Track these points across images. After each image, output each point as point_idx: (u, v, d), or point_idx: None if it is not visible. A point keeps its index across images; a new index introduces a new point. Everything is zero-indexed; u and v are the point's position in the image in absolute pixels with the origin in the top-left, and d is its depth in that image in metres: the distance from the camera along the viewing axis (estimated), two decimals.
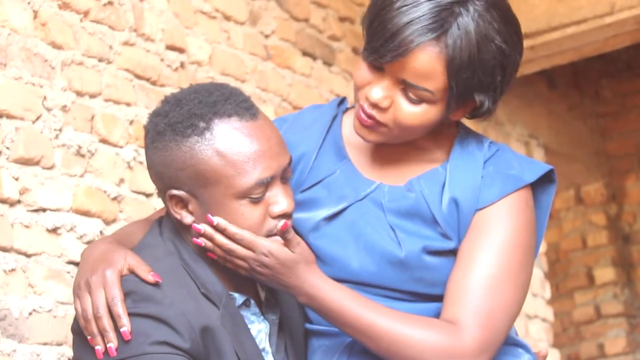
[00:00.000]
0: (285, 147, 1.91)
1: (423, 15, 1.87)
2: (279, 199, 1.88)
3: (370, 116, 1.94)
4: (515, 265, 1.94)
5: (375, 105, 1.93)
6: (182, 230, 1.91)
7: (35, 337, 2.56)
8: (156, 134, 1.88)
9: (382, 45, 1.89)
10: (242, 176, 1.84)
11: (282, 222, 1.87)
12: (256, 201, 1.86)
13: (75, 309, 1.84)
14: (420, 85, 1.90)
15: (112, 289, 1.81)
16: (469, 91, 1.92)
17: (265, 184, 1.86)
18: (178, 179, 1.86)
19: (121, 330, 1.78)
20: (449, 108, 1.94)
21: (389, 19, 1.89)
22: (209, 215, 1.86)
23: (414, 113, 1.92)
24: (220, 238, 1.86)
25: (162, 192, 1.90)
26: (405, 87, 1.91)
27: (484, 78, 1.91)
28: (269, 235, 1.88)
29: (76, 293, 1.86)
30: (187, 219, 1.88)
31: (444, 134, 2.05)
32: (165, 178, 1.88)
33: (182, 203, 1.88)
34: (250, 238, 1.86)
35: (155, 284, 1.81)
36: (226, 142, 1.84)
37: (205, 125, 1.85)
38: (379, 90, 1.92)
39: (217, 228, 1.86)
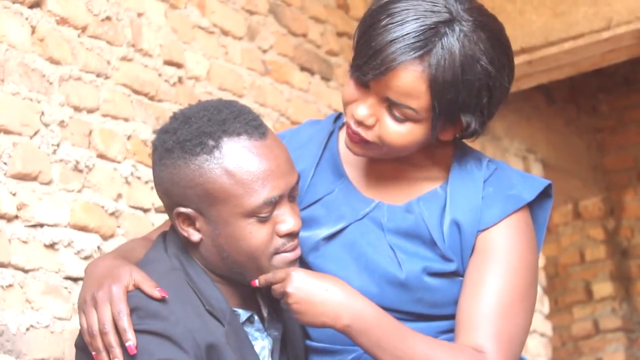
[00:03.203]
0: (293, 165, 1.91)
1: (408, 34, 1.86)
2: (286, 218, 1.88)
3: (356, 133, 1.94)
4: (525, 288, 1.95)
5: (360, 123, 1.92)
6: (188, 247, 1.91)
7: (33, 353, 2.56)
8: (165, 151, 1.87)
9: (365, 63, 1.89)
10: (250, 195, 1.84)
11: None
12: (264, 220, 1.86)
13: (81, 325, 1.83)
14: (404, 103, 1.89)
15: (118, 304, 1.80)
16: (453, 111, 1.91)
17: (273, 203, 1.86)
18: (186, 196, 1.86)
19: (126, 344, 1.77)
20: (435, 128, 1.93)
21: (374, 37, 1.88)
22: (254, 281, 1.88)
23: (399, 132, 1.92)
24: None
25: (169, 209, 1.90)
26: (390, 105, 1.90)
27: (468, 99, 1.90)
28: (277, 253, 1.88)
29: (82, 308, 1.85)
30: (194, 236, 1.88)
31: (441, 151, 2.04)
32: (173, 195, 1.87)
33: (190, 220, 1.87)
34: (279, 274, 1.87)
35: (162, 300, 1.81)
36: (235, 161, 1.84)
37: (214, 143, 1.84)
38: (364, 109, 1.92)
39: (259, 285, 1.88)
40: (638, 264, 6.37)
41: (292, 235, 1.89)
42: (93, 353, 1.80)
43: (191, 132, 1.85)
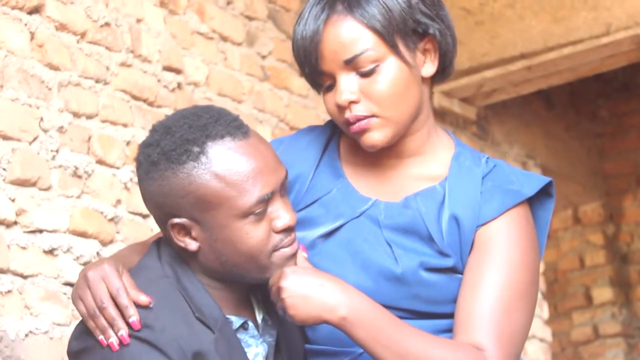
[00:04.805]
0: (280, 161, 1.91)
1: (311, 10, 1.96)
2: (281, 214, 1.88)
3: (357, 118, 1.95)
4: (526, 286, 1.95)
5: (350, 103, 1.94)
6: (185, 256, 1.90)
7: (32, 359, 2.56)
8: (150, 164, 1.87)
9: (305, 56, 1.96)
10: (243, 196, 1.84)
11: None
12: (259, 218, 1.85)
13: (80, 312, 1.82)
14: (356, 52, 1.93)
15: (113, 281, 1.80)
16: (399, 28, 1.94)
17: (266, 200, 1.86)
18: (178, 206, 1.85)
19: (130, 320, 1.77)
20: (401, 54, 1.94)
21: (298, 40, 1.97)
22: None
23: (381, 83, 1.94)
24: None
25: (162, 222, 1.89)
26: (353, 67, 1.94)
27: (400, 7, 1.94)
28: (275, 250, 1.88)
29: (77, 295, 1.83)
30: (192, 245, 1.87)
31: (441, 149, 2.05)
32: (164, 207, 1.87)
33: (185, 230, 1.87)
34: (275, 274, 1.88)
35: (147, 307, 1.80)
36: (223, 163, 1.84)
37: (199, 149, 1.84)
38: (341, 92, 1.94)
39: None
40: (637, 269, 6.36)
41: (288, 230, 1.89)
42: (99, 337, 1.78)
43: (174, 141, 1.85)
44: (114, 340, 1.77)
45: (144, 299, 1.81)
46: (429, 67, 2.00)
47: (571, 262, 6.36)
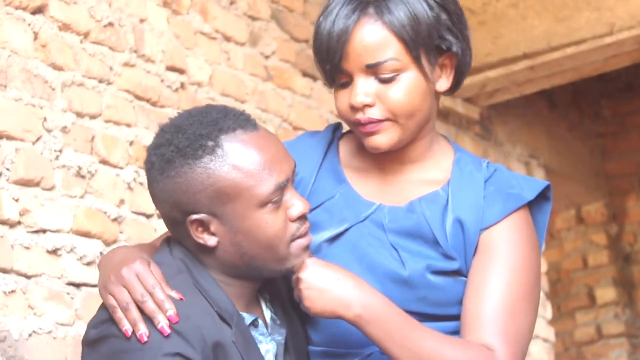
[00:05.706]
0: (288, 151, 1.95)
1: (341, 8, 1.97)
2: (295, 202, 1.92)
3: (370, 121, 1.97)
4: (529, 287, 1.98)
5: (364, 106, 1.96)
6: (201, 254, 1.92)
7: (35, 359, 2.56)
8: (165, 163, 1.88)
9: (329, 57, 1.97)
10: (261, 185, 1.87)
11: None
12: (277, 207, 1.89)
13: (109, 305, 1.83)
14: (382, 59, 1.95)
15: (148, 278, 1.83)
16: (426, 41, 1.96)
17: (282, 188, 1.89)
18: (197, 202, 1.87)
19: (167, 314, 1.79)
20: (422, 66, 1.97)
21: (322, 36, 1.98)
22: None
23: (398, 92, 1.96)
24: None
25: (177, 223, 1.90)
26: (374, 72, 1.96)
27: (429, 21, 1.96)
28: (293, 240, 1.91)
29: (107, 290, 1.84)
30: (211, 241, 1.89)
31: (442, 153, 2.07)
32: (183, 205, 1.88)
33: (204, 227, 1.88)
34: (299, 263, 1.91)
35: (179, 301, 1.83)
36: (239, 155, 1.87)
37: (214, 143, 1.87)
38: (357, 94, 1.97)
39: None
40: None
41: (303, 219, 1.93)
42: (124, 329, 1.80)
43: (188, 138, 1.87)
44: (143, 332, 1.79)
45: (174, 295, 1.83)
46: (444, 83, 2.03)
47: (574, 263, 6.36)
